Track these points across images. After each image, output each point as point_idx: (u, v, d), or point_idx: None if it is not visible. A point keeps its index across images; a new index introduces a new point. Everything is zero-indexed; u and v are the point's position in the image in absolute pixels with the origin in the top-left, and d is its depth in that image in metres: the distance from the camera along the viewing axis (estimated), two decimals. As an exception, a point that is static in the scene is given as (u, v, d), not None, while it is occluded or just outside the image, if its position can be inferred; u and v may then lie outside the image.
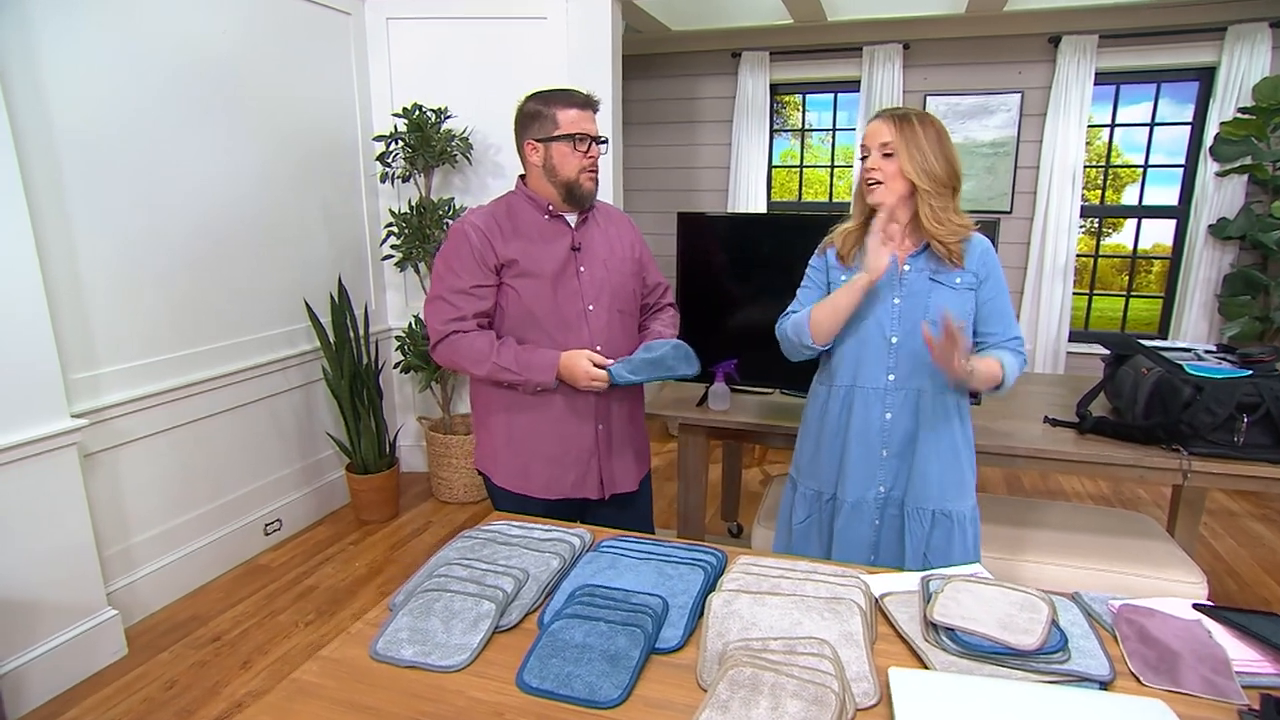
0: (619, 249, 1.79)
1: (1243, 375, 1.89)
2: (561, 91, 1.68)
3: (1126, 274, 4.46)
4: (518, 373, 1.63)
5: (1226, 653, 1.05)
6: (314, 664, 1.04)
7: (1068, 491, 3.69)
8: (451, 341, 1.65)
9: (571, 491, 1.77)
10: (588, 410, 1.73)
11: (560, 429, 1.73)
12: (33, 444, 2.01)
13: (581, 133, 1.64)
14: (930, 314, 1.53)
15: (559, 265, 1.68)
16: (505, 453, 1.75)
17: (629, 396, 1.83)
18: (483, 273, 1.65)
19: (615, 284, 1.75)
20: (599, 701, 0.95)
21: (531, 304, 1.67)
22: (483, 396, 1.78)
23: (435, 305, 1.68)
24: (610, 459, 1.79)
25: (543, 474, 1.74)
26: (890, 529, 1.63)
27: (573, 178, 1.66)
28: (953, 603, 1.13)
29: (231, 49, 2.70)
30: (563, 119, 1.63)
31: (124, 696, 2.12)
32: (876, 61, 4.18)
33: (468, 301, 1.65)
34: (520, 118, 1.70)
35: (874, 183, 1.53)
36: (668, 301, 1.97)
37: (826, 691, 0.92)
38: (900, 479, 1.61)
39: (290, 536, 3.11)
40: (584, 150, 1.65)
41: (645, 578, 1.21)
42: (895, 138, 1.49)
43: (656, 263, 1.94)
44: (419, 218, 3.22)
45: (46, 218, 2.13)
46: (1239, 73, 3.66)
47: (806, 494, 1.71)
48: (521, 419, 1.73)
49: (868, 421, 1.60)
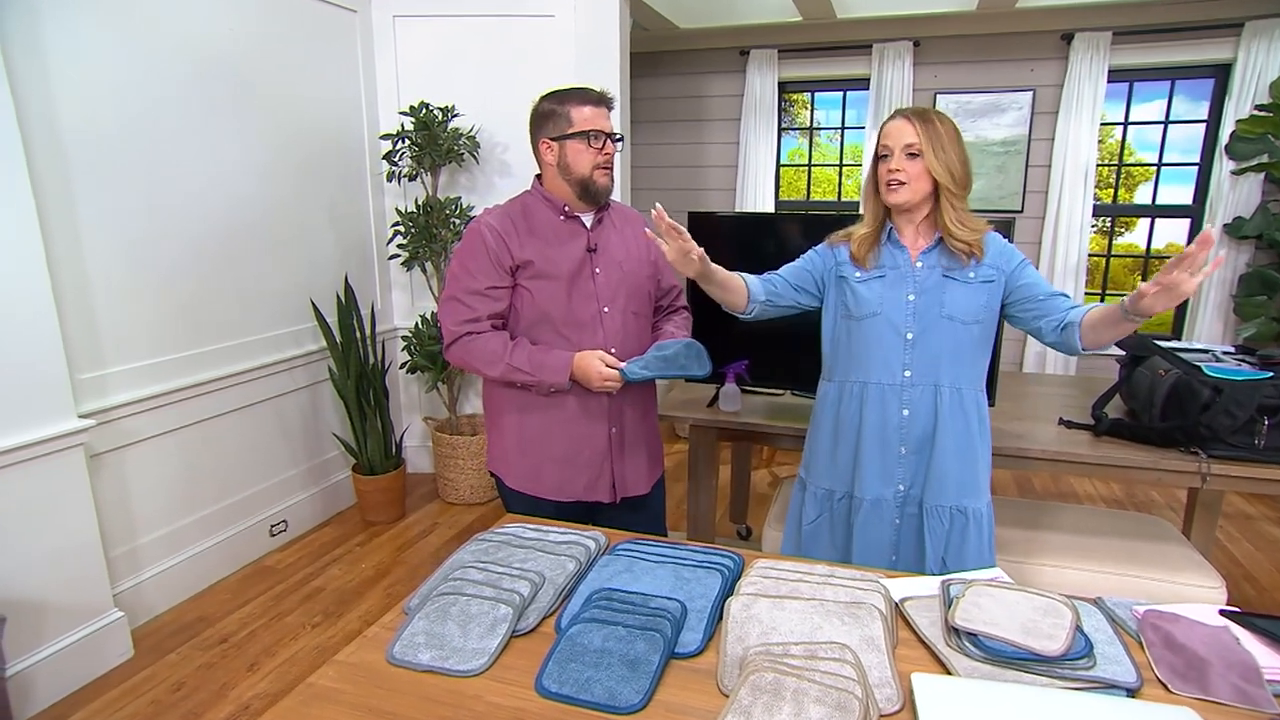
0: (635, 251, 1.78)
1: (1264, 377, 1.86)
2: (576, 89, 1.67)
3: (1139, 274, 4.41)
4: (531, 373, 1.62)
5: (1256, 660, 1.03)
6: (330, 668, 1.03)
7: (1079, 494, 3.66)
8: (465, 343, 1.65)
9: (584, 494, 1.75)
10: (600, 412, 1.72)
11: (572, 430, 1.71)
12: (40, 444, 2.00)
13: (596, 129, 1.63)
14: (945, 309, 1.53)
15: (574, 267, 1.67)
16: (517, 454, 1.74)
17: (642, 398, 1.82)
18: (498, 274, 1.64)
19: (631, 286, 1.74)
20: (619, 707, 0.93)
21: (546, 305, 1.66)
22: (495, 397, 1.77)
23: (449, 306, 1.67)
24: (623, 461, 1.78)
25: (554, 476, 1.73)
26: (909, 528, 1.62)
27: (587, 174, 1.65)
28: (974, 607, 1.11)
29: (238, 47, 2.69)
30: (577, 116, 1.62)
31: (131, 699, 2.11)
32: (886, 59, 4.16)
33: (482, 302, 1.64)
34: (535, 117, 1.69)
35: (897, 183, 1.50)
36: (681, 305, 1.95)
37: (849, 697, 0.90)
38: (919, 476, 1.59)
39: (296, 538, 3.10)
40: (599, 147, 1.64)
41: (662, 581, 1.19)
42: (921, 137, 1.47)
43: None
44: (425, 217, 3.20)
45: (53, 217, 2.12)
46: (1256, 69, 3.63)
47: (817, 493, 1.70)
48: (533, 420, 1.71)
49: (885, 418, 1.58)
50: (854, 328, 1.61)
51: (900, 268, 1.56)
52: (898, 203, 1.52)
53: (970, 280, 1.53)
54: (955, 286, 1.53)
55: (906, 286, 1.56)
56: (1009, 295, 1.56)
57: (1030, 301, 1.53)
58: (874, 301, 1.57)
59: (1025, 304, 1.54)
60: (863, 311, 1.58)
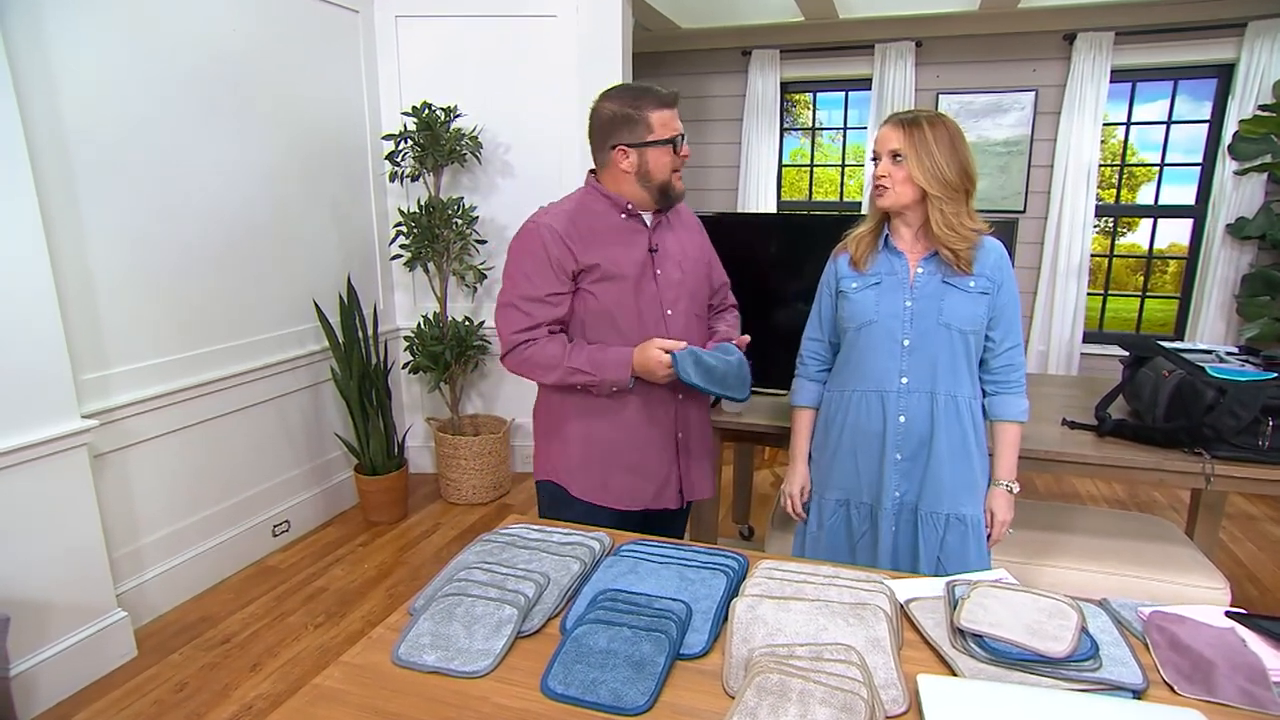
0: (691, 250, 1.73)
1: (1268, 378, 1.86)
2: (646, 91, 1.59)
3: (1141, 274, 4.41)
4: (592, 373, 1.56)
5: (1263, 662, 1.02)
6: (336, 669, 1.02)
7: (1081, 494, 3.66)
8: (523, 351, 1.59)
9: (652, 502, 1.70)
10: (667, 419, 1.68)
11: (640, 437, 1.67)
12: (44, 444, 2.00)
13: (678, 134, 1.58)
14: (943, 317, 1.53)
15: (639, 268, 1.62)
16: (580, 464, 1.67)
17: (701, 401, 1.78)
18: (559, 279, 1.57)
19: (691, 287, 1.70)
20: (625, 708, 0.93)
21: (612, 308, 1.60)
22: (554, 405, 1.70)
23: (507, 313, 1.60)
24: (689, 465, 1.75)
25: (623, 485, 1.67)
26: (905, 534, 1.61)
27: (667, 179, 1.60)
28: (980, 609, 1.11)
29: (240, 48, 2.69)
30: (656, 121, 1.56)
31: (134, 699, 2.11)
32: (888, 59, 4.16)
33: (542, 309, 1.57)
34: (605, 120, 1.59)
35: (882, 188, 1.53)
36: (731, 302, 1.91)
37: (855, 699, 0.90)
38: (914, 483, 1.59)
39: (299, 538, 3.10)
40: (677, 151, 1.60)
41: (667, 582, 1.19)
42: (904, 144, 1.49)
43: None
44: (428, 217, 3.20)
45: (58, 217, 2.12)
46: (1259, 69, 3.63)
47: (819, 502, 1.69)
48: (600, 428, 1.66)
49: (881, 426, 1.58)
50: (853, 337, 1.61)
51: (897, 274, 1.56)
52: (884, 206, 1.55)
53: (970, 290, 1.53)
54: (955, 294, 1.53)
55: (903, 293, 1.56)
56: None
57: (986, 338, 1.59)
58: (870, 310, 1.57)
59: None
60: (860, 320, 1.58)
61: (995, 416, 1.62)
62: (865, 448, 1.60)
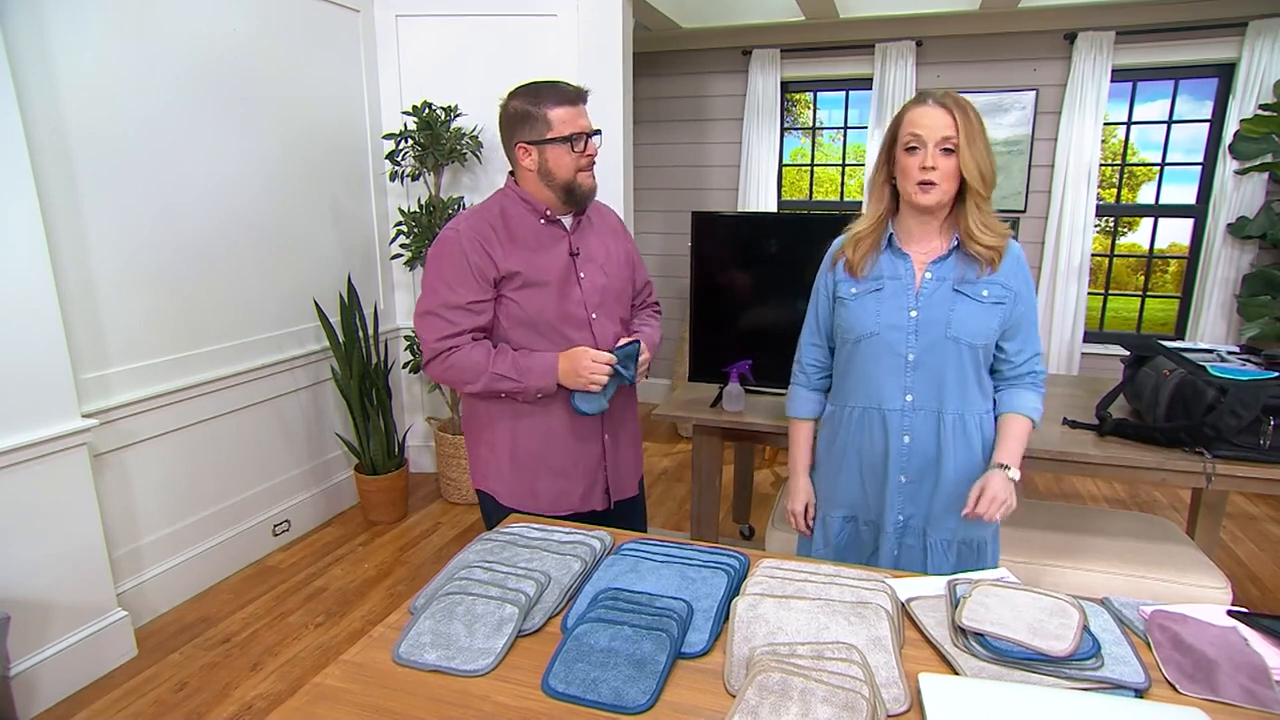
0: (614, 251, 1.70)
1: (1269, 377, 1.86)
2: (548, 86, 1.54)
3: (1142, 274, 4.41)
4: (517, 379, 1.53)
5: (1265, 661, 1.02)
6: (336, 668, 1.02)
7: (1082, 494, 3.66)
8: (446, 358, 1.55)
9: (579, 505, 1.69)
10: (594, 420, 1.66)
11: (568, 440, 1.64)
12: (44, 444, 2.00)
13: (577, 132, 1.52)
14: (952, 329, 1.38)
15: (561, 273, 1.58)
16: (510, 470, 1.66)
17: (629, 399, 1.77)
18: (480, 287, 1.53)
19: (615, 290, 1.68)
20: (627, 707, 0.93)
21: (535, 315, 1.57)
22: (480, 411, 1.67)
23: (428, 321, 1.55)
24: (616, 466, 1.73)
25: (550, 490, 1.66)
26: (910, 559, 1.51)
27: (571, 178, 1.55)
28: (981, 608, 1.10)
29: (241, 47, 2.69)
30: (555, 118, 1.51)
31: (134, 698, 2.11)
32: (889, 59, 4.15)
33: (464, 317, 1.54)
34: (507, 118, 1.57)
35: (930, 184, 1.32)
36: (654, 300, 1.88)
37: (857, 697, 0.90)
38: (920, 506, 1.48)
39: (299, 537, 3.10)
40: (580, 149, 1.54)
41: (668, 581, 1.19)
42: (960, 130, 1.29)
43: (646, 262, 1.87)
44: (428, 216, 3.20)
45: (58, 217, 2.12)
46: (1260, 69, 3.63)
47: (826, 518, 1.61)
48: (527, 433, 1.63)
49: (885, 445, 1.47)
50: (852, 350, 1.48)
51: (901, 278, 1.42)
52: (928, 204, 1.34)
53: (983, 299, 1.38)
54: (966, 304, 1.38)
55: (907, 300, 1.41)
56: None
57: (1000, 350, 1.46)
58: (870, 320, 1.43)
59: (996, 347, 1.45)
60: (859, 332, 1.45)
61: (1005, 408, 1.46)
62: (867, 468, 1.51)
